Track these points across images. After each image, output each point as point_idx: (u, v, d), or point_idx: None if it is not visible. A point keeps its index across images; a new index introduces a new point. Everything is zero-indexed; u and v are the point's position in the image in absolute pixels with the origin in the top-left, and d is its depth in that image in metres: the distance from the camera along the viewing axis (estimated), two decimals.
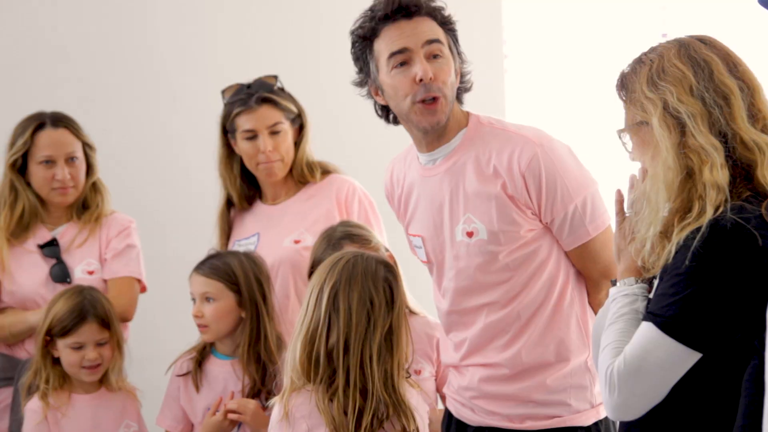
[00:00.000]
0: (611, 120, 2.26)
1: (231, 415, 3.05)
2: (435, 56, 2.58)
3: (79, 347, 3.16)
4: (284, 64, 4.49)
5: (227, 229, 3.49)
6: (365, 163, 4.02)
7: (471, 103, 2.78)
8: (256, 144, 3.36)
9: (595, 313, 2.65)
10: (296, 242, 3.39)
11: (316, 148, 3.53)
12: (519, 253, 2.62)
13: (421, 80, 2.56)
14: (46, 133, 3.43)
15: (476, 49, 4.54)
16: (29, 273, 3.43)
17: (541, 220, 2.64)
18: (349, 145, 4.44)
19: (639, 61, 2.14)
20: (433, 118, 2.60)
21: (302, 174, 3.45)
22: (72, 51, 4.32)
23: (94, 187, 3.51)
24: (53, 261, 3.43)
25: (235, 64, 4.43)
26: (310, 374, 2.44)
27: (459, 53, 2.66)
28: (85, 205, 3.50)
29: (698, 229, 2.00)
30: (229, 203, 3.50)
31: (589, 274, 2.69)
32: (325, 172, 3.49)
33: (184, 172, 4.38)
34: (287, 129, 3.39)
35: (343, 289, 2.43)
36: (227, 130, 3.42)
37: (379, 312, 2.44)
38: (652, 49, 2.14)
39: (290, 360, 2.45)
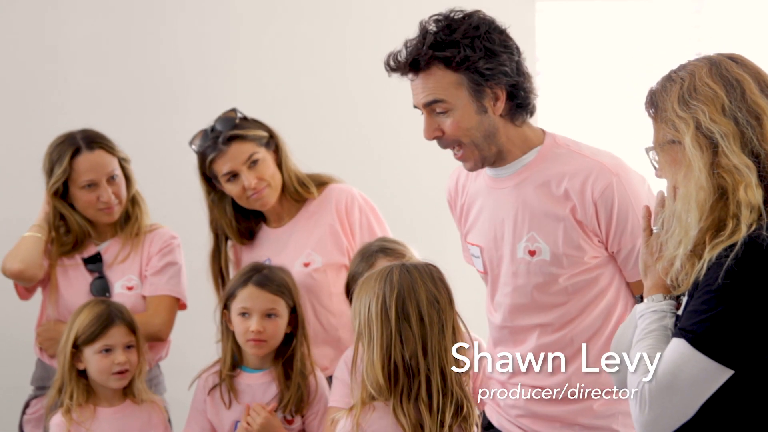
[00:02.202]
0: (644, 137, 2.26)
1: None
2: (440, 112, 2.57)
3: (108, 351, 3.18)
4: (302, 69, 4.52)
5: (220, 272, 3.47)
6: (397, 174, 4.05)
7: None
8: (240, 182, 3.34)
9: None
10: (306, 265, 3.38)
11: (345, 160, 3.53)
12: (580, 278, 2.60)
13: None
14: (84, 157, 3.43)
15: None
16: (74, 286, 3.47)
17: (607, 249, 2.61)
18: (380, 155, 4.45)
19: (669, 79, 2.14)
20: (467, 166, 2.63)
21: (297, 192, 3.42)
22: (81, 56, 4.36)
23: (133, 200, 3.52)
24: (96, 275, 3.46)
25: (253, 71, 4.46)
26: (390, 387, 2.44)
27: (495, 82, 2.57)
28: (126, 218, 3.52)
29: (731, 247, 2.00)
30: (226, 241, 3.48)
31: None
32: (321, 184, 3.46)
33: (197, 185, 4.36)
34: (264, 155, 3.36)
35: (408, 296, 2.44)
36: (209, 177, 3.41)
37: (444, 310, 2.45)
38: (682, 67, 2.15)
39: (368, 375, 2.45)
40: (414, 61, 2.54)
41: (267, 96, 4.41)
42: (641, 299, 2.20)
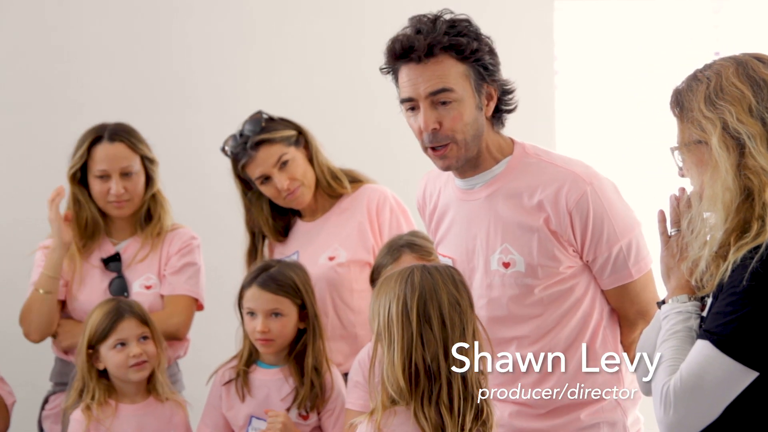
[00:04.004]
0: (663, 136, 2.25)
1: None
2: (443, 103, 2.53)
3: (122, 344, 3.18)
4: (317, 67, 4.51)
5: None
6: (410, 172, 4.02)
7: (521, 120, 2.75)
8: (272, 184, 3.37)
9: (627, 353, 2.59)
10: (331, 259, 3.40)
11: (366, 157, 3.52)
12: (555, 288, 2.58)
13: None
14: (102, 147, 3.44)
15: (527, 66, 4.57)
16: (91, 287, 3.46)
17: (582, 258, 2.59)
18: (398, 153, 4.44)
19: (695, 79, 2.13)
20: (443, 163, 2.57)
21: (330, 187, 3.44)
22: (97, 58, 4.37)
23: (155, 199, 3.51)
24: (115, 275, 3.46)
25: (267, 69, 4.45)
26: (411, 389, 2.43)
27: (492, 80, 2.57)
28: (149, 218, 3.51)
29: (756, 249, 2.00)
30: (263, 237, 3.51)
31: (626, 313, 2.63)
32: (355, 180, 3.48)
33: (215, 183, 4.36)
34: (294, 155, 3.38)
35: (430, 297, 2.42)
36: (244, 180, 3.44)
37: (465, 312, 2.44)
38: (708, 67, 2.14)
39: (389, 378, 2.42)
40: (429, 46, 2.50)
41: (281, 95, 4.40)
42: (661, 305, 2.19)
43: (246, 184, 3.46)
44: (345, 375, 3.30)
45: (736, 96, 2.06)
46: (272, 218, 3.47)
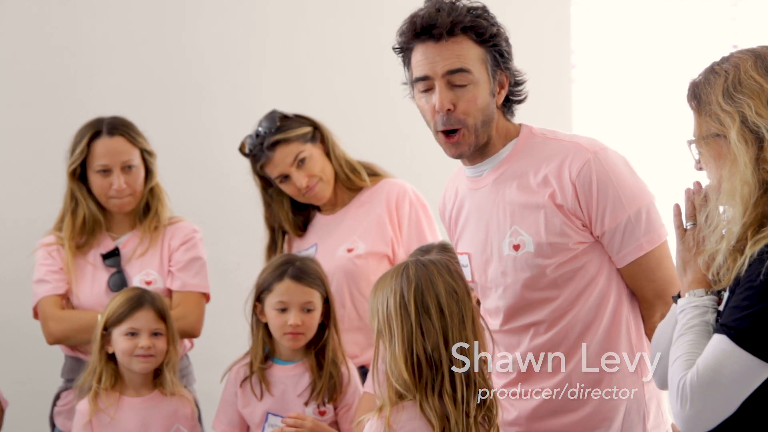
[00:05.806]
0: (680, 130, 2.24)
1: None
2: (458, 85, 2.51)
3: (133, 334, 3.18)
4: (331, 66, 4.51)
5: None
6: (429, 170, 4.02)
7: (538, 113, 2.74)
8: (292, 182, 3.39)
9: (650, 339, 2.53)
10: (349, 251, 3.41)
11: (381, 154, 3.52)
12: (567, 267, 2.51)
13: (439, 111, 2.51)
14: (102, 141, 3.42)
15: (544, 59, 4.57)
16: (91, 283, 3.45)
17: (592, 233, 2.53)
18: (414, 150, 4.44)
19: (712, 71, 2.12)
20: (455, 150, 2.55)
21: (349, 180, 3.46)
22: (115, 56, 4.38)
23: (152, 193, 3.49)
24: (114, 270, 3.44)
25: (282, 66, 4.46)
26: (415, 381, 2.43)
27: (506, 68, 2.56)
28: (146, 211, 3.50)
29: None
30: (283, 233, 3.53)
31: (643, 294, 2.56)
32: (374, 174, 3.50)
33: (228, 178, 4.34)
34: (311, 152, 3.40)
35: (426, 288, 2.42)
36: (264, 177, 3.46)
37: (464, 300, 2.44)
38: (725, 59, 2.13)
39: (393, 372, 2.42)
40: (452, 24, 2.49)
41: (297, 92, 4.41)
42: (676, 299, 2.18)
43: (266, 181, 3.48)
44: (360, 368, 3.31)
45: (754, 89, 2.05)
46: (292, 213, 3.50)
